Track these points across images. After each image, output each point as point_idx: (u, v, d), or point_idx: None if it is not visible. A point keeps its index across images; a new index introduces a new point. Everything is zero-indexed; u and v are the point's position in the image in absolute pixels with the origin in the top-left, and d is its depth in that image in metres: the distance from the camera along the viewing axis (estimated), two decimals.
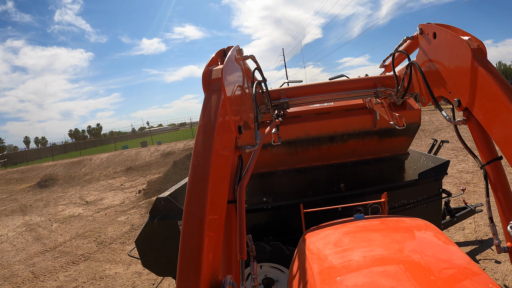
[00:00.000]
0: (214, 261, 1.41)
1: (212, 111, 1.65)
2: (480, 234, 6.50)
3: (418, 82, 2.65)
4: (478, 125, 2.00)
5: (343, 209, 3.92)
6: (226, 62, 1.89)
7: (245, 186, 1.89)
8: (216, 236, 1.47)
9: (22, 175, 30.39)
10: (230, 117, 1.79)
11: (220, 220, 1.55)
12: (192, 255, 1.28)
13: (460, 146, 14.37)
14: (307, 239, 2.53)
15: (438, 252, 1.94)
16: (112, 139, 67.85)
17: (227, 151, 1.72)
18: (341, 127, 4.88)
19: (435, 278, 1.64)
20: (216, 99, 1.69)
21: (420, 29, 2.48)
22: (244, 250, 1.70)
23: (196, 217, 1.35)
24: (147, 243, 4.32)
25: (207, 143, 1.53)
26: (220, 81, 1.75)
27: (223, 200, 1.63)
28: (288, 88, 3.22)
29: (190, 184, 1.45)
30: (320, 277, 1.87)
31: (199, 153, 1.51)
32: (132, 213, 12.10)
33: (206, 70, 1.83)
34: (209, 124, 1.60)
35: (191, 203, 1.40)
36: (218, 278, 1.41)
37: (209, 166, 1.47)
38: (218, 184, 1.53)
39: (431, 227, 2.38)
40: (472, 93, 1.92)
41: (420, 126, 4.99)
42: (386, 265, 1.83)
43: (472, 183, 9.67)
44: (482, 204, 5.97)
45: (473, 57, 1.87)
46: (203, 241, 1.30)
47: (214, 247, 1.42)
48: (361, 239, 2.26)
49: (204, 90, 1.77)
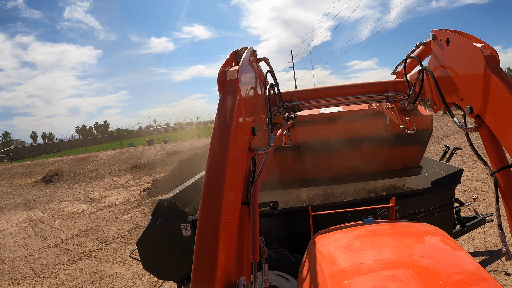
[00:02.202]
0: (228, 262, 1.43)
1: (228, 112, 1.67)
2: (490, 244, 6.35)
3: (430, 88, 2.65)
4: (489, 132, 2.00)
5: (351, 215, 3.84)
6: (241, 64, 1.91)
7: (259, 188, 1.91)
8: (231, 236, 1.49)
9: (27, 170, 30.51)
10: (245, 118, 1.80)
11: (234, 221, 1.57)
12: (207, 255, 1.30)
13: (469, 152, 14.21)
14: (318, 242, 2.53)
15: (447, 257, 1.97)
16: (118, 136, 68.09)
17: (242, 153, 1.75)
18: (351, 132, 4.76)
19: (444, 283, 1.66)
20: (231, 100, 1.71)
21: (433, 35, 2.48)
22: (257, 252, 1.73)
23: (212, 217, 1.37)
24: (149, 245, 4.23)
25: (223, 143, 1.56)
26: (236, 83, 1.76)
27: (238, 201, 1.66)
28: (300, 91, 3.19)
29: (206, 183, 1.47)
30: (331, 280, 1.88)
31: (215, 154, 1.54)
32: (135, 212, 12.03)
33: (222, 71, 1.83)
34: (225, 125, 1.62)
35: (207, 202, 1.42)
36: (232, 279, 1.44)
37: (225, 166, 1.49)
38: (233, 184, 1.55)
39: (441, 232, 2.39)
40: (484, 100, 1.93)
41: (432, 133, 4.86)
42: (396, 269, 1.85)
43: (482, 191, 9.50)
44: (493, 213, 5.85)
45: (486, 64, 1.88)
46: (218, 241, 1.32)
47: (228, 248, 1.43)
48: (372, 243, 2.29)
49: (219, 91, 1.78)
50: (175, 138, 42.54)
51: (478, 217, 5.49)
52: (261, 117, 2.31)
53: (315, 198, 5.50)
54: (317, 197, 5.51)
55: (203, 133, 39.99)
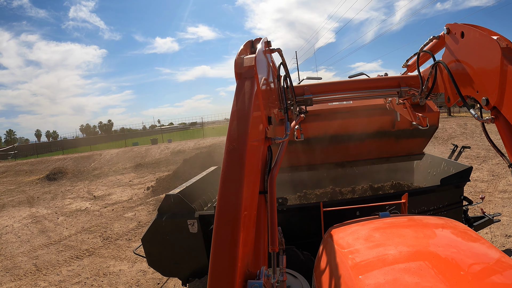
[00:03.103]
0: (247, 251, 1.38)
1: (246, 97, 1.63)
2: (496, 244, 6.29)
3: (443, 82, 2.63)
4: (506, 124, 1.99)
5: (360, 212, 3.83)
6: (258, 51, 1.89)
7: (275, 177, 1.86)
8: (249, 225, 1.44)
9: (31, 167, 30.54)
10: (262, 105, 1.78)
11: (253, 209, 1.53)
12: (227, 243, 1.24)
13: (474, 154, 14.16)
14: (334, 235, 2.50)
15: (471, 247, 1.99)
16: (122, 135, 68.20)
17: (259, 140, 1.71)
18: (360, 127, 4.76)
19: (468, 272, 1.66)
20: (249, 85, 1.67)
21: (447, 29, 2.46)
22: (276, 242, 1.68)
23: (232, 203, 1.31)
24: (154, 241, 4.19)
25: (242, 127, 1.51)
26: (253, 69, 1.73)
27: (256, 189, 1.61)
28: (312, 85, 3.17)
29: (225, 168, 1.42)
30: (354, 271, 1.86)
31: (234, 138, 1.48)
32: (139, 210, 12.00)
33: (238, 59, 1.81)
34: (244, 109, 1.58)
35: (227, 188, 1.36)
36: (251, 269, 1.38)
37: (245, 151, 1.43)
38: (252, 171, 1.51)
39: (459, 224, 2.40)
40: (501, 92, 1.92)
41: (438, 128, 4.91)
42: (420, 259, 1.83)
43: (488, 192, 9.43)
44: (500, 213, 5.82)
45: (503, 56, 1.86)
46: (239, 229, 1.26)
47: (247, 237, 1.38)
48: (392, 234, 2.28)
49: (236, 77, 1.75)
50: (179, 137, 42.57)
51: (485, 217, 5.44)
52: (272, 111, 2.28)
53: (322, 196, 5.47)
54: (325, 195, 5.49)
55: (207, 133, 39.98)
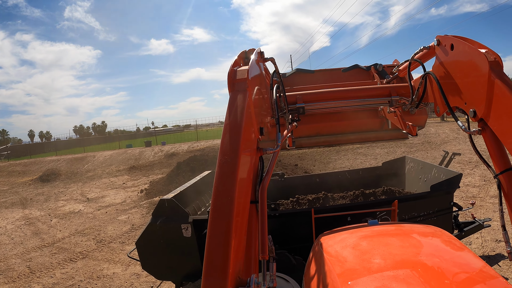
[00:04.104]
0: (238, 259, 1.43)
1: (238, 110, 1.68)
2: (487, 249, 6.38)
3: (432, 92, 2.68)
4: (493, 135, 2.03)
5: (352, 218, 3.86)
6: (251, 64, 1.94)
7: (266, 186, 1.92)
8: (241, 234, 1.49)
9: (24, 168, 30.40)
10: (254, 117, 1.82)
11: (244, 218, 1.58)
12: (220, 250, 1.29)
13: (467, 159, 14.28)
14: (324, 242, 2.56)
15: (454, 256, 2.04)
16: (116, 137, 67.92)
17: (251, 151, 1.76)
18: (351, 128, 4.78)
19: (451, 282, 1.70)
20: (242, 99, 1.73)
21: (438, 40, 2.52)
22: (266, 250, 1.73)
23: (224, 214, 1.38)
24: (148, 245, 4.23)
25: (234, 141, 1.56)
26: (246, 82, 1.78)
27: (247, 199, 1.67)
28: (305, 93, 3.21)
29: (217, 180, 1.47)
30: (341, 279, 1.92)
31: (226, 151, 1.54)
32: (133, 213, 12.00)
33: (231, 71, 1.86)
34: (236, 123, 1.63)
35: (220, 199, 1.42)
36: (242, 277, 1.44)
37: (237, 164, 1.49)
38: (243, 182, 1.56)
39: (445, 233, 2.46)
40: (488, 104, 1.96)
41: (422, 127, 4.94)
42: (404, 268, 1.88)
43: (479, 197, 9.54)
44: (490, 219, 5.89)
45: (490, 69, 1.91)
46: (230, 237, 1.32)
47: (238, 245, 1.43)
48: (379, 243, 2.33)
49: (229, 89, 1.80)
50: (173, 140, 42.51)
51: (476, 222, 5.53)
52: (264, 119, 2.33)
53: (315, 201, 5.53)
54: (317, 200, 5.55)
55: (201, 136, 39.95)
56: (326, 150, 21.71)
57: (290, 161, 18.76)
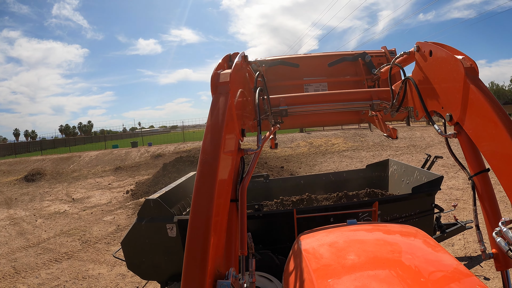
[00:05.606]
0: (218, 255, 1.49)
1: (220, 112, 1.74)
2: (469, 250, 6.50)
3: (412, 97, 2.75)
4: (467, 138, 2.09)
5: (334, 219, 3.92)
6: (234, 67, 2.00)
7: (247, 186, 1.99)
8: (221, 231, 1.56)
9: (9, 168, 29.94)
10: (235, 119, 1.88)
11: (224, 216, 1.64)
12: (199, 246, 1.36)
13: (451, 163, 14.49)
14: (303, 240, 2.62)
15: (428, 255, 2.08)
16: (102, 137, 67.37)
17: (232, 152, 1.81)
18: (334, 123, 4.85)
19: (426, 280, 1.74)
20: (224, 101, 1.78)
21: (417, 47, 2.58)
22: (245, 246, 1.82)
23: (204, 210, 1.44)
24: (133, 245, 4.24)
25: (215, 141, 1.63)
26: (228, 85, 1.84)
27: (227, 197, 1.73)
28: (288, 96, 3.24)
29: (198, 179, 1.55)
30: (316, 274, 1.96)
31: (207, 151, 1.60)
32: (118, 213, 11.94)
33: (215, 74, 1.92)
34: (217, 124, 1.69)
35: (199, 197, 1.50)
36: (221, 270, 1.51)
37: (217, 163, 1.56)
38: (223, 181, 1.62)
39: (421, 232, 2.50)
40: (463, 109, 2.03)
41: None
42: (378, 263, 1.94)
43: (462, 200, 9.71)
44: (472, 221, 5.96)
45: (466, 75, 1.98)
46: (210, 233, 1.38)
47: (218, 242, 1.50)
48: (355, 241, 2.42)
49: (212, 92, 1.86)
50: (160, 141, 42.25)
51: (458, 223, 5.64)
52: (247, 122, 2.39)
53: (299, 203, 5.60)
54: (301, 201, 5.61)
55: (188, 137, 39.78)
56: (312, 153, 21.88)
57: (276, 163, 18.86)
